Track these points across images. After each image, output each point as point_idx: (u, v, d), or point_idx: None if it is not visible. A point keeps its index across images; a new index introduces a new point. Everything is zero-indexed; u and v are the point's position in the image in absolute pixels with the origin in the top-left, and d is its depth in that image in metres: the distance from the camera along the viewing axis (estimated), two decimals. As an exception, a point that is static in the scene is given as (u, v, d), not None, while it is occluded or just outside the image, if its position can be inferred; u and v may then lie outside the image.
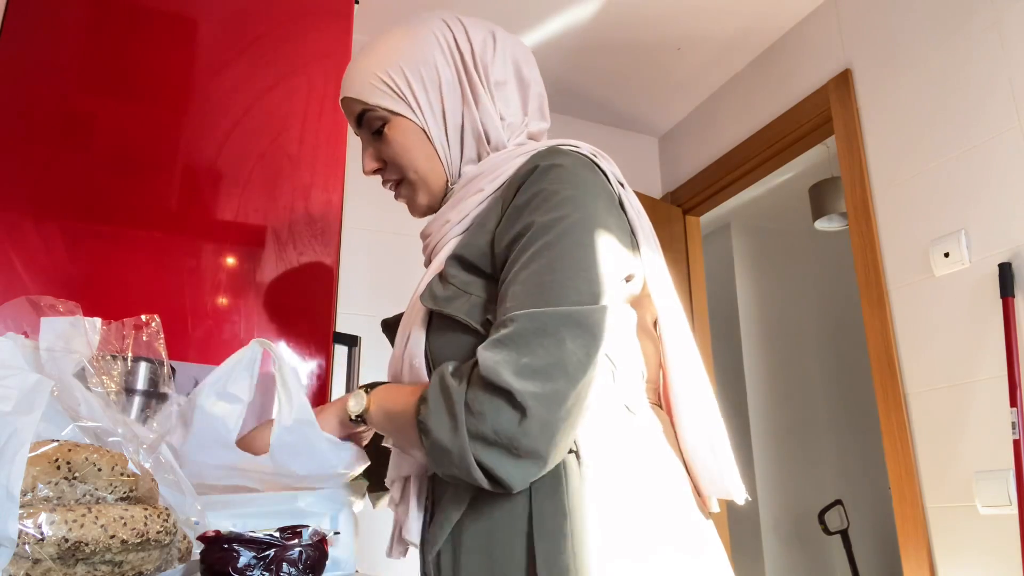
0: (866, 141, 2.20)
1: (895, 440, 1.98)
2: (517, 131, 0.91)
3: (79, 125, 1.33)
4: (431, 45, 0.89)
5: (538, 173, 0.78)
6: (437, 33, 0.90)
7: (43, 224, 1.26)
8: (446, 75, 0.89)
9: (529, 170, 0.79)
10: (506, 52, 0.91)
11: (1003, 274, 1.74)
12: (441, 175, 0.91)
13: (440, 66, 0.89)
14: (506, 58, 0.91)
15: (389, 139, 0.89)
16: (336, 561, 0.80)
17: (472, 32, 0.90)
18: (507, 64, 0.91)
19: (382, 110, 0.89)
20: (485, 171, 0.87)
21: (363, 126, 0.91)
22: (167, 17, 1.45)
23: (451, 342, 0.78)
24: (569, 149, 0.83)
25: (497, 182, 0.85)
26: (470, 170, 0.89)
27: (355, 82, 0.90)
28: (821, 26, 2.44)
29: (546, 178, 0.77)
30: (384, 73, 0.89)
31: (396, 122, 0.89)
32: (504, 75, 0.90)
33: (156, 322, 0.75)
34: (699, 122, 3.03)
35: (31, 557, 0.51)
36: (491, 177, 0.86)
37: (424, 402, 0.72)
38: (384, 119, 0.89)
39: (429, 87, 0.89)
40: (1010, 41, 1.83)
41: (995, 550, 1.71)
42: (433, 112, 0.89)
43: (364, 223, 2.32)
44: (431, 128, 0.90)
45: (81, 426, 0.61)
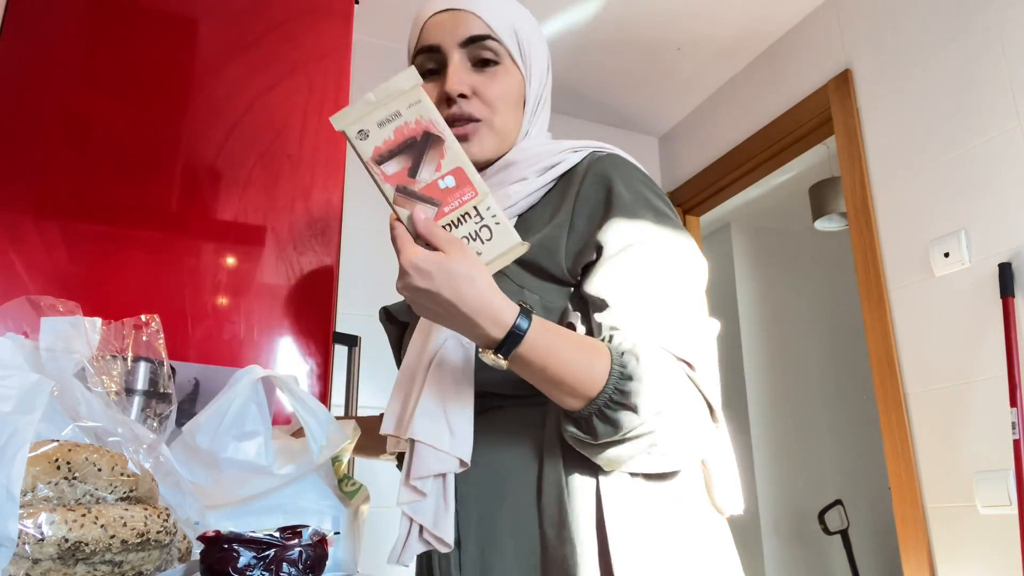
0: (866, 141, 2.19)
1: (895, 440, 1.98)
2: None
3: (79, 125, 1.33)
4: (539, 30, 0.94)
5: (622, 180, 0.80)
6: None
7: (43, 224, 1.26)
8: (546, 56, 0.93)
9: (602, 173, 0.80)
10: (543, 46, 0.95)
11: (1003, 274, 1.74)
12: (514, 135, 0.90)
13: (544, 46, 0.93)
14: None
15: (499, 79, 0.87)
16: (336, 561, 0.80)
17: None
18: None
19: (506, 51, 0.88)
20: (525, 159, 0.87)
21: (469, 47, 0.86)
22: (167, 17, 1.45)
23: None
24: (623, 155, 0.85)
25: (547, 175, 0.85)
26: (513, 155, 0.88)
27: (492, 10, 0.88)
28: (821, 26, 2.44)
29: (633, 186, 0.80)
30: (521, 26, 0.89)
31: (511, 68, 0.89)
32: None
33: (156, 322, 0.75)
34: (699, 122, 3.03)
35: (31, 557, 0.51)
36: (534, 166, 0.86)
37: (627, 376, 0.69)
38: (499, 59, 0.87)
39: (539, 56, 0.92)
40: (1010, 41, 1.83)
41: (995, 550, 1.71)
42: (540, 81, 0.91)
43: (364, 223, 2.32)
44: (530, 93, 0.91)
45: (81, 426, 0.61)
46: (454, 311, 0.66)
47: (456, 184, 0.68)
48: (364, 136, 0.68)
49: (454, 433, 0.75)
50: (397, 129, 0.68)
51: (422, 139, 0.68)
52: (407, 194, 0.68)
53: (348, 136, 0.68)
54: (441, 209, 0.68)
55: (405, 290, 0.67)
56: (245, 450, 0.77)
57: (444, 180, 0.68)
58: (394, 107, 0.68)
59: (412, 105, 0.68)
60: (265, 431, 0.79)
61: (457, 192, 0.68)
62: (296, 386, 0.81)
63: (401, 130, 0.68)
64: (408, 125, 0.68)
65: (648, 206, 0.79)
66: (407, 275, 0.66)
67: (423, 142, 0.68)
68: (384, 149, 0.68)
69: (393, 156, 0.68)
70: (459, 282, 0.66)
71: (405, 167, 0.68)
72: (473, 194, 0.68)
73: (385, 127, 0.68)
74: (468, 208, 0.69)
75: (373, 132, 0.68)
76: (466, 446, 0.75)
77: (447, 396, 0.76)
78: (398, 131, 0.68)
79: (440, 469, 0.75)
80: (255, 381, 0.80)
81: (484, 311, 0.66)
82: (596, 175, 0.81)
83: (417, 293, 0.66)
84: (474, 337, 0.69)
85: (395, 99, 0.68)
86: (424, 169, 0.68)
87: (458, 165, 0.69)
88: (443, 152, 0.68)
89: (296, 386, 0.81)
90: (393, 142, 0.68)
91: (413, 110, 0.68)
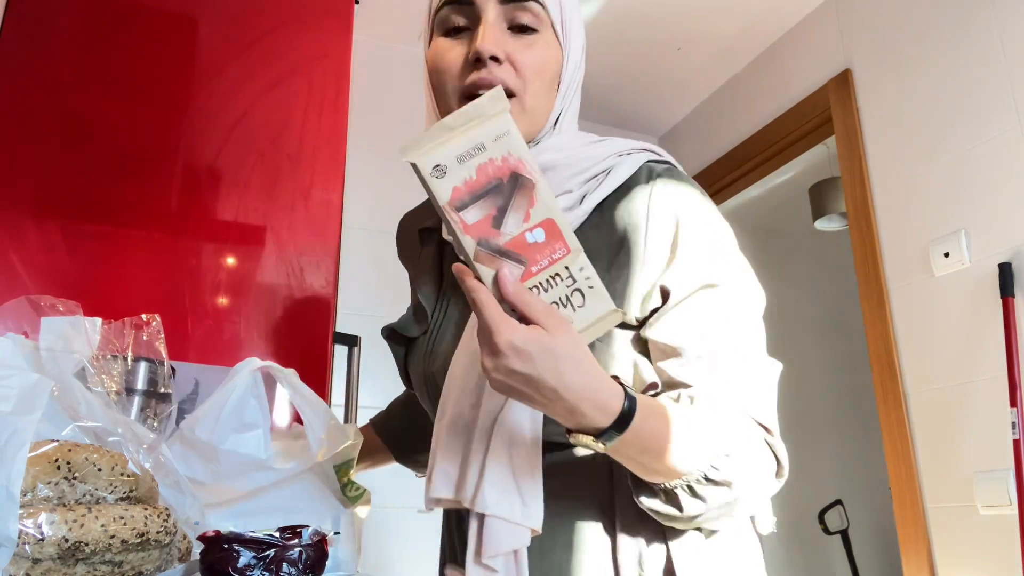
0: (866, 141, 2.19)
1: (895, 440, 1.98)
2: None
3: (79, 125, 1.33)
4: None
5: (690, 208, 0.73)
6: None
7: (43, 224, 1.26)
8: (583, 36, 0.83)
9: (669, 200, 0.73)
10: None
11: (1003, 274, 1.74)
12: (543, 120, 0.78)
13: (582, 25, 0.83)
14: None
15: (537, 49, 0.76)
16: (336, 561, 0.80)
17: None
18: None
19: (548, 19, 0.77)
20: (566, 163, 0.76)
21: (508, 4, 0.75)
22: (167, 17, 1.45)
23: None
24: (680, 169, 0.78)
25: (598, 192, 0.74)
26: (549, 156, 0.77)
27: None
28: (821, 26, 2.44)
29: (702, 216, 0.74)
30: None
31: (551, 40, 0.78)
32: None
33: (156, 322, 0.75)
34: (699, 122, 3.03)
35: (31, 557, 0.51)
36: (578, 175, 0.76)
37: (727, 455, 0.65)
38: (539, 26, 0.76)
39: (578, 35, 0.81)
40: (1010, 41, 1.83)
41: (995, 550, 1.71)
42: (576, 62, 0.81)
43: (364, 223, 2.32)
44: (566, 73, 0.79)
45: (81, 426, 0.61)
46: (555, 397, 0.58)
47: (546, 239, 0.58)
48: (441, 173, 0.57)
49: (526, 502, 0.68)
50: (481, 167, 0.58)
51: (509, 182, 0.58)
52: (490, 249, 0.57)
53: (421, 172, 0.57)
54: (528, 269, 0.58)
55: (498, 372, 0.57)
56: (244, 442, 0.77)
57: (533, 233, 0.58)
58: (478, 138, 0.58)
59: (499, 138, 0.58)
60: (264, 424, 0.79)
61: (547, 249, 0.59)
62: (295, 379, 0.81)
63: (485, 168, 0.58)
64: (494, 163, 0.58)
65: (717, 239, 0.73)
66: (503, 356, 0.56)
67: (510, 185, 0.58)
68: (465, 192, 0.57)
69: (476, 201, 0.57)
70: (564, 366, 0.57)
71: (489, 215, 0.57)
72: (565, 251, 0.59)
73: (466, 163, 0.57)
74: (559, 268, 0.59)
75: (452, 169, 0.57)
76: (538, 514, 0.68)
77: (517, 462, 0.69)
78: (482, 169, 0.58)
79: (515, 545, 0.69)
80: (253, 372, 0.80)
81: (589, 398, 0.59)
82: (663, 202, 0.73)
83: (513, 377, 0.57)
84: (569, 423, 0.60)
85: (479, 127, 0.58)
86: (510, 219, 0.58)
87: (549, 216, 0.59)
88: (533, 199, 0.58)
89: (295, 379, 0.81)
90: (476, 183, 0.57)
91: (500, 144, 0.58)
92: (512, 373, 0.57)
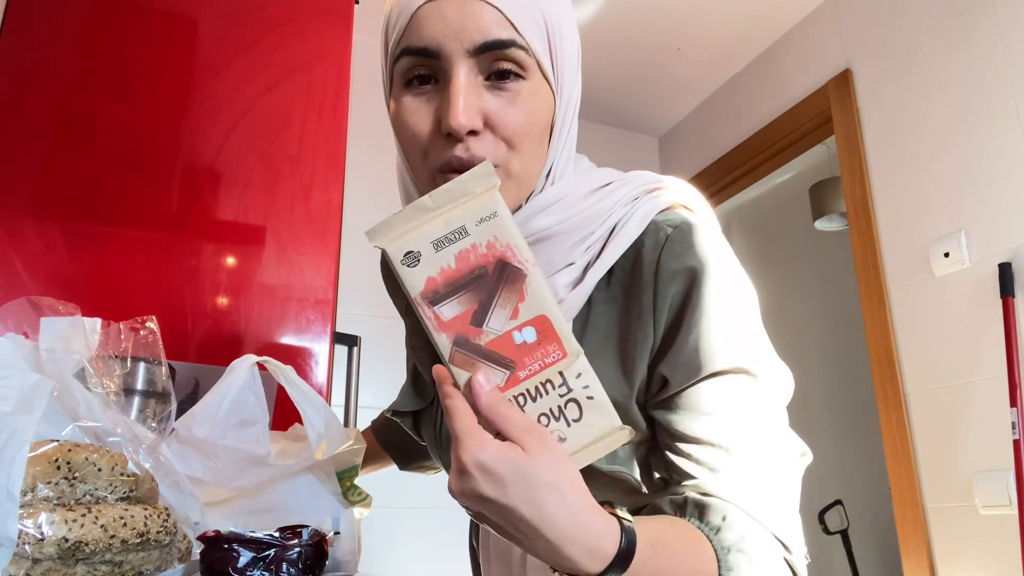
0: (866, 141, 2.19)
1: (895, 440, 1.98)
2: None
3: (79, 125, 1.33)
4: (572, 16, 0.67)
5: (702, 278, 0.62)
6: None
7: (43, 224, 1.26)
8: (578, 50, 0.68)
9: (678, 271, 0.62)
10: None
11: (1003, 274, 1.74)
12: (535, 181, 0.65)
13: (575, 33, 0.67)
14: None
15: (523, 103, 0.62)
16: (336, 561, 0.80)
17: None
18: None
19: (534, 61, 0.62)
20: (565, 229, 0.64)
21: (482, 56, 0.60)
22: (167, 17, 1.45)
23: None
24: (705, 225, 0.66)
25: (603, 259, 0.64)
26: (543, 223, 0.64)
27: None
28: (821, 26, 2.44)
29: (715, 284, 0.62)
30: (551, 9, 0.63)
31: (539, 85, 0.63)
32: None
33: (155, 322, 0.75)
34: (699, 122, 3.03)
35: (31, 557, 0.51)
36: (580, 244, 0.64)
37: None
38: (524, 72, 0.62)
39: (572, 60, 0.66)
40: (1010, 41, 1.83)
41: (995, 550, 1.71)
42: (571, 94, 0.66)
43: (364, 223, 2.32)
44: (559, 115, 0.65)
45: (81, 426, 0.61)
46: (534, 534, 0.48)
47: (538, 340, 0.50)
48: (414, 261, 0.49)
49: None
50: (461, 254, 0.49)
51: (495, 272, 0.50)
52: (469, 351, 0.49)
53: (390, 259, 0.50)
54: (515, 374, 0.50)
55: (463, 497, 0.48)
56: (243, 438, 0.77)
57: (522, 333, 0.50)
58: (458, 220, 0.50)
59: (484, 220, 0.50)
60: (263, 419, 0.79)
61: (539, 351, 0.50)
62: (292, 374, 0.81)
63: (466, 256, 0.49)
64: (477, 249, 0.50)
65: (733, 315, 0.63)
66: (469, 476, 0.47)
67: (496, 276, 0.50)
68: (441, 282, 0.49)
69: (454, 294, 0.49)
70: (544, 496, 0.47)
71: (469, 310, 0.49)
72: (560, 354, 0.50)
73: (444, 250, 0.49)
74: (551, 374, 0.50)
75: (427, 256, 0.49)
76: None
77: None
78: (462, 257, 0.49)
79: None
80: (251, 367, 0.80)
81: (576, 539, 0.48)
82: (671, 273, 0.62)
83: (481, 503, 0.47)
84: (556, 566, 0.50)
85: (460, 208, 0.50)
86: (495, 316, 0.50)
87: (542, 313, 0.50)
88: (523, 293, 0.50)
89: (292, 374, 0.81)
90: (455, 273, 0.49)
91: (485, 228, 0.50)
92: (480, 499, 0.47)
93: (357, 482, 0.85)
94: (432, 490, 2.00)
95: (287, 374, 0.81)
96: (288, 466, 0.79)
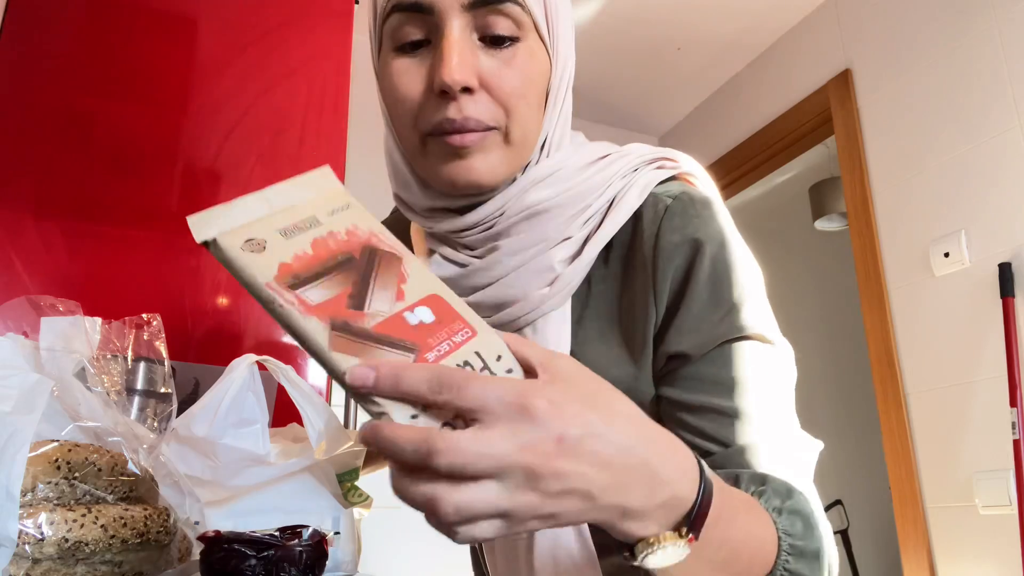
0: (866, 141, 2.19)
1: (895, 440, 1.98)
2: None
3: (79, 125, 1.33)
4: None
5: (708, 249, 0.59)
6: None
7: (43, 224, 1.26)
8: (571, 16, 0.65)
9: (683, 243, 0.59)
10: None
11: (1003, 274, 1.74)
12: (528, 154, 0.62)
13: (570, 11, 0.65)
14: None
15: (519, 64, 0.59)
16: (336, 561, 0.80)
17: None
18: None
19: (530, 20, 0.59)
20: (560, 203, 0.61)
21: (477, 11, 0.57)
22: (167, 17, 1.45)
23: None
24: (706, 195, 0.63)
25: (600, 232, 0.61)
26: (538, 196, 0.61)
27: None
28: (821, 26, 2.44)
29: (721, 254, 0.60)
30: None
31: (535, 47, 0.60)
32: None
33: (157, 321, 0.75)
34: (699, 122, 3.03)
35: (31, 557, 0.51)
36: (578, 217, 0.61)
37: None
38: (520, 33, 0.59)
39: (567, 26, 0.63)
40: (1010, 41, 1.83)
41: (995, 550, 1.71)
42: (566, 64, 0.63)
43: (364, 223, 2.32)
44: (554, 83, 0.62)
45: (81, 426, 0.61)
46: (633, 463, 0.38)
47: (436, 320, 0.41)
48: (258, 247, 0.41)
49: None
50: (317, 241, 0.42)
51: (364, 257, 0.42)
52: (354, 333, 0.39)
53: (224, 251, 0.41)
54: (422, 355, 0.39)
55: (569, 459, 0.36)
56: (243, 437, 0.77)
57: (414, 313, 0.41)
58: (306, 212, 0.43)
59: (337, 211, 0.44)
60: (262, 418, 0.79)
61: (442, 330, 0.41)
62: (292, 373, 0.81)
63: (324, 243, 0.42)
64: (336, 237, 0.43)
65: (736, 279, 0.60)
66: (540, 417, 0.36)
67: (366, 261, 0.42)
68: (299, 267, 0.40)
69: (318, 279, 0.40)
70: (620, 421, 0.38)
71: (342, 293, 0.40)
72: (469, 333, 0.42)
73: (296, 238, 0.42)
74: (466, 354, 0.41)
75: (274, 243, 0.41)
76: None
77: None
78: (319, 244, 0.42)
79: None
80: (250, 366, 0.80)
81: (669, 459, 0.39)
82: (672, 246, 0.59)
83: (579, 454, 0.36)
84: (654, 507, 0.39)
85: (305, 202, 0.44)
86: (377, 298, 0.41)
87: (432, 292, 0.42)
88: (402, 274, 0.42)
89: (292, 373, 0.81)
90: (313, 259, 0.41)
91: (341, 217, 0.44)
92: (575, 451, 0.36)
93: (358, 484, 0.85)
94: (432, 490, 1.99)
95: (287, 373, 0.81)
96: (288, 465, 0.79)
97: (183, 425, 0.76)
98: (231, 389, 0.78)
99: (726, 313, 0.59)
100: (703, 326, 0.58)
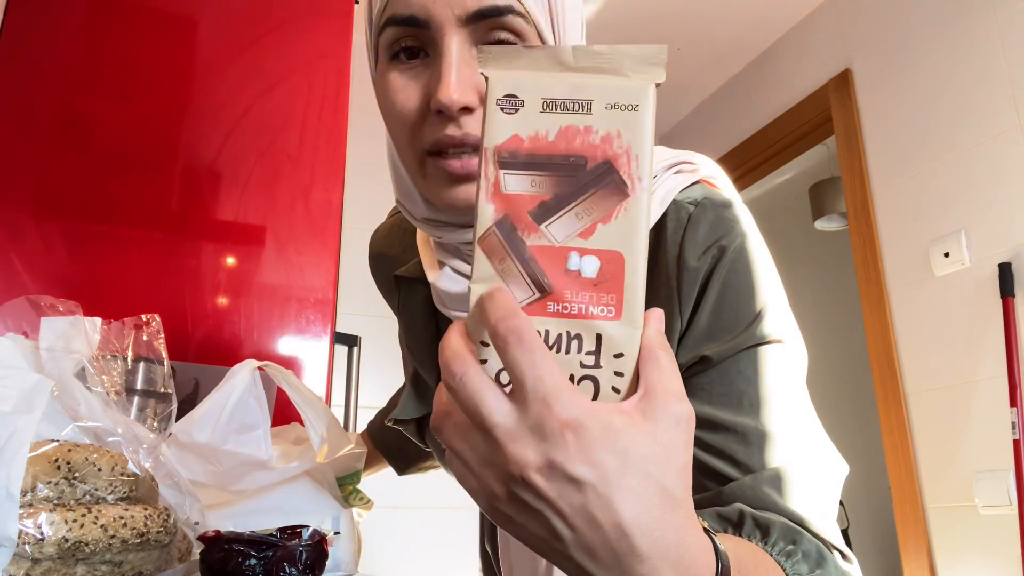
0: (866, 141, 2.19)
1: (895, 440, 1.98)
2: None
3: (79, 125, 1.33)
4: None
5: (723, 267, 0.58)
6: None
7: (43, 224, 1.26)
8: (582, 16, 0.62)
9: (698, 261, 0.58)
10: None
11: (1003, 274, 1.74)
12: None
13: (580, 8, 0.62)
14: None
15: None
16: (336, 561, 0.80)
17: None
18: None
19: (533, 30, 0.56)
20: None
21: (476, 25, 0.54)
22: (167, 17, 1.45)
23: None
24: (728, 198, 0.62)
25: None
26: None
27: None
28: (821, 26, 2.44)
29: (741, 261, 0.59)
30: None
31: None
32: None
33: (156, 321, 0.75)
34: (699, 122, 3.03)
35: (31, 557, 0.51)
36: None
37: None
38: (522, 41, 0.55)
39: (577, 33, 0.60)
40: (1010, 41, 1.83)
41: (995, 550, 1.71)
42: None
43: (364, 223, 2.32)
44: None
45: (81, 426, 0.61)
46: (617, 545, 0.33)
47: (598, 278, 0.36)
48: (511, 107, 0.38)
49: None
50: (567, 130, 0.37)
51: (594, 171, 0.37)
52: (507, 239, 0.37)
53: (488, 88, 0.38)
54: (543, 300, 0.36)
55: (542, 475, 0.33)
56: (244, 443, 0.77)
57: (582, 259, 0.36)
58: (588, 91, 0.38)
59: (618, 108, 0.38)
60: (264, 424, 0.79)
61: (589, 292, 0.36)
62: (293, 378, 0.81)
63: (572, 135, 0.37)
64: (589, 134, 0.37)
65: (757, 293, 0.59)
66: (557, 440, 0.33)
67: (592, 177, 0.37)
68: (527, 148, 0.37)
69: (533, 169, 0.37)
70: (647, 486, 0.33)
71: (538, 196, 0.37)
72: (613, 312, 0.36)
73: (552, 115, 0.37)
74: (586, 328, 0.36)
75: (528, 109, 0.38)
76: None
77: None
78: (566, 133, 0.37)
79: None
80: (252, 371, 0.80)
81: (675, 560, 0.33)
82: (695, 255, 0.58)
83: (564, 486, 0.33)
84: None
85: (599, 78, 0.38)
86: (563, 221, 0.37)
87: (619, 249, 0.36)
88: (613, 212, 0.37)
89: (293, 378, 0.81)
90: (547, 146, 0.37)
91: (614, 117, 0.38)
92: (564, 480, 0.33)
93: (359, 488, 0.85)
94: (432, 490, 2.00)
95: (288, 378, 0.81)
96: (289, 468, 0.79)
97: (185, 430, 0.76)
98: (233, 395, 0.78)
99: (751, 320, 0.58)
100: (726, 334, 0.57)
